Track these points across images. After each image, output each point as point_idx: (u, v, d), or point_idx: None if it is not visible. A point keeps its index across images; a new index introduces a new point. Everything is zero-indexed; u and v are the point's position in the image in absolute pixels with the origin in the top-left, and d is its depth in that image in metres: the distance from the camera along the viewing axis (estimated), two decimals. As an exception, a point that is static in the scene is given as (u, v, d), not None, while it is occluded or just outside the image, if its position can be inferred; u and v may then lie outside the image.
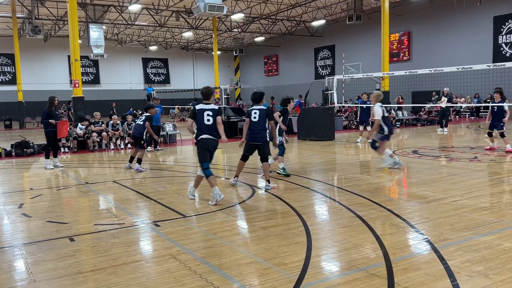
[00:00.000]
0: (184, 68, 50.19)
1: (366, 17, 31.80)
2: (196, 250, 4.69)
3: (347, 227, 5.44)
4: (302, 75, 41.69)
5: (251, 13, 33.83)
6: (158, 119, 14.20)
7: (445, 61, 27.27)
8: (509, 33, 26.70)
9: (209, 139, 6.94)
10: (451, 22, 29.30)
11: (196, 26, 35.98)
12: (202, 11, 17.80)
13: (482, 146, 13.09)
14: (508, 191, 7.26)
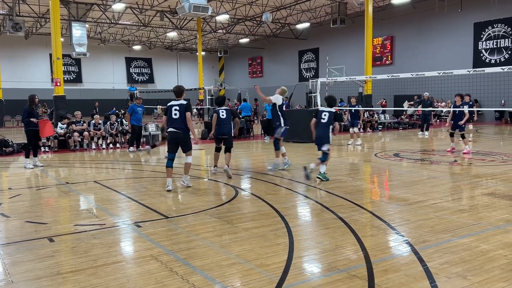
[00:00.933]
0: (168, 68, 49.92)
1: (350, 21, 32.11)
2: (178, 251, 4.67)
3: (329, 228, 5.47)
4: (287, 77, 41.84)
5: (236, 14, 33.84)
6: (140, 119, 14.09)
7: (427, 66, 27.67)
8: (488, 39, 27.26)
9: (174, 132, 7.72)
10: (433, 27, 29.78)
11: (180, 26, 35.82)
12: (187, 11, 17.74)
13: (461, 149, 13.31)
14: (486, 194, 7.40)
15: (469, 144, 12.36)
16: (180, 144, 7.89)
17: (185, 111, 7.69)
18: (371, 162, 11.70)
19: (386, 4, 30.66)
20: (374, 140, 17.48)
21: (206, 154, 13.91)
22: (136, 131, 14.13)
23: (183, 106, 7.70)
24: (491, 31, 27.07)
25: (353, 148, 14.80)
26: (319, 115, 9.03)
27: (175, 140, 7.80)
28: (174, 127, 7.72)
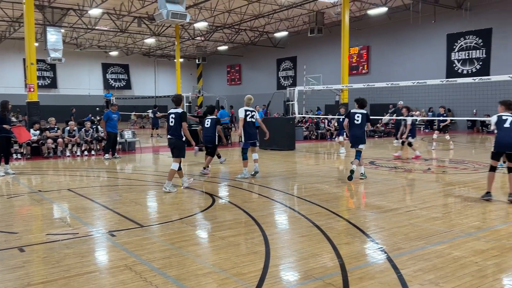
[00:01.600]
0: (146, 74, 49.52)
1: (327, 30, 32.53)
2: (153, 261, 4.61)
3: (305, 236, 5.50)
4: (265, 85, 42.04)
5: (215, 22, 33.88)
6: (115, 126, 13.90)
7: (402, 75, 28.24)
8: (461, 50, 28.01)
9: (169, 139, 8.41)
10: (408, 38, 30.44)
11: (158, 33, 35.64)
12: (165, 18, 17.64)
13: (435, 158, 13.60)
14: (459, 201, 7.56)
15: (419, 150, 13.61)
16: (173, 149, 8.47)
17: (180, 120, 8.24)
18: (348, 170, 11.80)
19: (363, 14, 31.20)
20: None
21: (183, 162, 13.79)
22: (112, 138, 13.93)
23: (178, 114, 8.27)
24: (463, 43, 27.83)
25: (337, 156, 15.01)
26: (352, 117, 9.69)
27: (170, 145, 8.53)
28: (169, 134, 8.39)
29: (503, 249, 4.94)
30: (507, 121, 7.27)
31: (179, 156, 8.45)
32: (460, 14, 27.10)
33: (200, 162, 11.43)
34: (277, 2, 28.49)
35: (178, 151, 8.41)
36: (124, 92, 46.76)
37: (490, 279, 4.08)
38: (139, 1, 27.29)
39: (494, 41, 26.39)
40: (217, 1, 28.41)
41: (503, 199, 7.48)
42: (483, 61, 26.95)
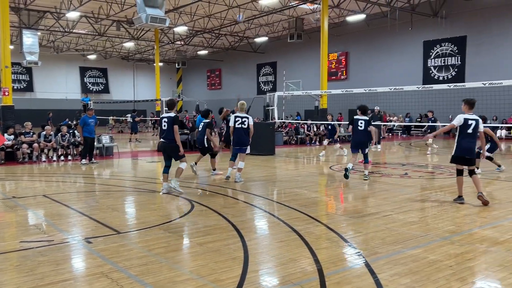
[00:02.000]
0: (124, 78, 49.06)
1: (306, 36, 32.82)
2: (130, 268, 4.55)
3: (284, 241, 5.51)
4: (245, 89, 42.09)
5: (195, 26, 33.83)
6: (92, 131, 13.69)
7: (380, 81, 28.68)
8: (437, 57, 28.62)
9: (162, 142, 8.57)
10: (386, 44, 30.95)
11: (137, 36, 35.39)
12: (144, 22, 17.52)
13: (412, 163, 13.82)
14: (434, 206, 7.70)
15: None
16: (170, 153, 8.61)
17: (172, 124, 8.37)
18: (326, 174, 11.92)
19: (341, 21, 31.63)
20: (329, 153, 17.82)
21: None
22: (88, 143, 13.72)
23: (171, 118, 8.43)
24: (439, 50, 28.45)
25: (317, 158, 15.25)
26: (355, 123, 10.33)
27: (164, 150, 8.64)
28: (163, 138, 8.54)
29: (477, 252, 5.04)
30: (471, 127, 7.49)
31: (179, 158, 8.60)
32: (436, 22, 27.71)
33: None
34: (257, 8, 28.64)
35: (174, 155, 8.57)
36: (102, 96, 46.23)
37: (464, 282, 4.16)
38: (118, 5, 27.07)
39: (468, 48, 27.06)
40: (197, 6, 28.39)
41: (478, 203, 7.64)
42: (458, 68, 27.58)
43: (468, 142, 7.56)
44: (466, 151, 7.61)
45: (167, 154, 8.68)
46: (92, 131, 13.69)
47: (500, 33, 25.51)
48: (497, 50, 25.61)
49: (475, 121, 7.58)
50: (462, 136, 7.61)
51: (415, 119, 29.15)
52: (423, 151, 17.34)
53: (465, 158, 7.66)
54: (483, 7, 25.84)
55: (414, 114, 29.29)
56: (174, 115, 8.55)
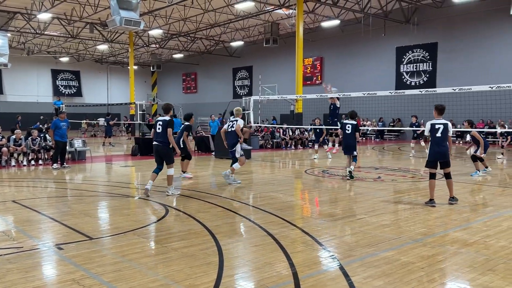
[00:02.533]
0: (98, 81, 48.30)
1: (282, 41, 33.04)
2: (102, 274, 4.47)
3: (259, 246, 5.51)
4: (221, 93, 42.05)
5: (170, 29, 33.63)
6: (64, 135, 13.40)
7: (354, 86, 29.08)
8: (409, 63, 29.25)
9: (156, 145, 8.71)
10: (360, 50, 31.45)
11: (111, 39, 34.92)
12: (118, 25, 17.33)
13: (385, 166, 14.05)
14: (407, 209, 7.84)
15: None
16: (162, 156, 8.75)
17: (166, 127, 8.57)
18: (302, 178, 11.99)
19: (316, 26, 31.98)
20: (304, 157, 17.97)
21: (136, 172, 13.54)
22: (60, 147, 13.43)
23: (166, 122, 8.63)
24: (411, 56, 29.09)
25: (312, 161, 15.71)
26: (344, 127, 11.12)
27: (157, 152, 8.77)
28: (156, 140, 8.70)
29: (448, 254, 5.16)
30: (439, 130, 7.74)
31: (170, 162, 8.78)
32: (408, 28, 28.33)
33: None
34: (233, 12, 28.68)
35: (167, 158, 8.74)
36: (74, 99, 45.37)
37: (435, 283, 4.25)
38: (91, 7, 26.67)
39: (439, 54, 27.77)
40: (172, 9, 28.24)
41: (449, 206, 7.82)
42: (429, 74, 28.25)
43: (439, 146, 7.78)
44: (438, 155, 7.85)
45: (159, 156, 8.80)
46: (64, 135, 13.42)
47: (469, 40, 26.27)
48: (466, 57, 26.37)
49: (443, 125, 7.81)
50: (432, 141, 7.88)
51: (388, 123, 29.67)
52: (396, 155, 17.66)
53: (439, 161, 7.87)
54: (453, 15, 26.57)
55: (387, 119, 29.83)
56: (169, 118, 8.71)
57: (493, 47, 25.35)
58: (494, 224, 6.57)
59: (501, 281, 4.30)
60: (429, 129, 7.91)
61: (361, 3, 26.15)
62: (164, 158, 8.78)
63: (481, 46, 25.79)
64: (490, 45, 25.45)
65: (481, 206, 8.12)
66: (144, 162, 15.73)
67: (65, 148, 13.88)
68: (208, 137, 19.83)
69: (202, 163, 15.95)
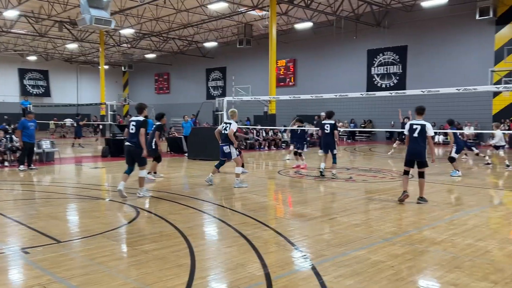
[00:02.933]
0: (67, 81, 47.19)
1: (255, 42, 33.11)
2: (70, 278, 4.35)
3: (232, 247, 5.49)
4: (194, 94, 41.77)
5: (142, 29, 33.20)
6: (32, 135, 13.03)
7: (326, 88, 29.38)
8: (380, 66, 29.78)
9: (127, 146, 8.56)
10: (332, 52, 31.82)
11: (81, 38, 34.20)
12: (88, 24, 16.99)
13: (357, 167, 14.25)
14: (377, 208, 7.97)
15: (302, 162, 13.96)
16: (134, 157, 8.56)
17: (140, 127, 8.37)
18: (275, 179, 12.02)
19: (289, 28, 32.17)
20: (278, 158, 18.04)
21: (107, 173, 13.29)
22: (28, 148, 13.06)
23: (139, 122, 8.46)
24: (382, 58, 29.63)
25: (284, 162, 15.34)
26: (322, 126, 11.55)
27: (129, 153, 8.59)
28: (128, 141, 8.55)
29: (416, 253, 5.26)
30: (416, 131, 7.97)
31: (142, 164, 8.63)
32: (379, 31, 28.85)
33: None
34: (206, 13, 28.55)
35: (139, 159, 8.56)
36: (43, 99, 44.21)
37: (404, 282, 4.33)
38: (60, 5, 26.06)
39: (409, 57, 28.38)
40: (144, 9, 27.87)
41: (418, 205, 7.99)
42: (399, 76, 28.83)
43: (415, 145, 8.08)
44: (414, 154, 8.13)
45: (131, 157, 8.62)
46: (32, 136, 13.04)
47: (437, 43, 26.96)
48: (434, 59, 27.05)
49: (420, 126, 8.05)
50: (410, 141, 8.17)
51: (359, 125, 30.11)
52: (367, 156, 17.93)
53: (415, 161, 8.17)
54: (423, 19, 27.21)
55: (358, 120, 30.28)
56: (143, 119, 8.53)
57: (459, 50, 26.09)
58: (461, 223, 6.75)
59: (467, 278, 4.41)
60: (407, 129, 8.18)
61: (333, 6, 26.48)
62: (136, 159, 8.58)
63: (449, 49, 26.51)
64: (457, 49, 26.18)
65: (448, 205, 8.33)
66: (114, 163, 15.47)
67: (32, 149, 13.49)
68: (181, 138, 19.66)
69: (175, 164, 15.81)
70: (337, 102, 24.44)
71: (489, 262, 4.90)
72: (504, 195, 9.77)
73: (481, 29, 25.22)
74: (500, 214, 7.54)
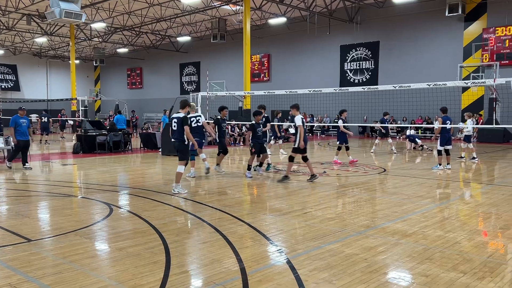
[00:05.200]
0: (37, 75, 45.98)
1: (229, 37, 33.00)
2: (42, 278, 4.27)
3: (207, 242, 5.49)
4: (168, 89, 41.35)
5: (114, 23, 32.59)
6: (25, 133, 12.52)
7: (300, 83, 29.59)
8: (352, 61, 30.13)
9: (173, 142, 8.88)
10: (305, 47, 31.99)
11: (51, 32, 33.33)
12: (58, 17, 16.56)
13: (330, 161, 14.41)
14: (351, 202, 8.09)
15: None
16: (177, 152, 8.89)
17: (181, 124, 8.62)
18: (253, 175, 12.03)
19: (263, 23, 32.16)
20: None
21: (78, 170, 13.04)
22: (21, 146, 12.55)
23: (180, 119, 8.68)
24: (355, 54, 29.98)
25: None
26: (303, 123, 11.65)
27: (175, 148, 8.94)
28: (174, 137, 8.83)
29: (389, 245, 5.37)
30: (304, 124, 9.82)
31: (184, 159, 8.83)
32: (352, 27, 29.17)
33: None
34: (179, 7, 28.25)
35: (181, 154, 8.80)
36: (11, 94, 42.97)
37: (377, 273, 4.42)
38: (29, -3, 25.32)
39: (381, 53, 28.82)
40: (115, 2, 27.39)
41: (390, 198, 8.14)
42: (372, 72, 29.26)
43: (305, 137, 10.01)
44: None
45: (177, 152, 8.95)
46: (25, 133, 12.55)
47: (409, 39, 27.47)
48: (405, 55, 27.56)
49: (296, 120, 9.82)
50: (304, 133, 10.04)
51: (333, 119, 30.42)
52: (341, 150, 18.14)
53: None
54: (394, 15, 27.66)
55: (332, 115, 30.60)
56: (183, 115, 8.76)
57: (430, 46, 26.66)
58: (431, 215, 6.93)
59: (438, 268, 4.54)
60: (299, 123, 9.93)
61: (306, 2, 26.60)
62: (179, 154, 8.86)
63: (420, 45, 27.05)
64: (428, 44, 26.74)
65: (419, 199, 8.53)
66: (86, 160, 15.19)
67: (27, 147, 12.91)
68: (155, 134, 19.45)
69: (149, 160, 15.64)
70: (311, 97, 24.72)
71: (458, 253, 5.05)
72: (472, 187, 10.06)
73: (450, 26, 25.84)
74: (469, 207, 7.77)
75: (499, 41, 24.29)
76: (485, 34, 24.73)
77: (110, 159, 15.64)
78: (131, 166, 14.02)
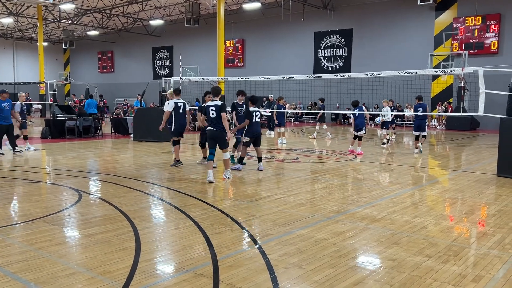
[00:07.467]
0: (2, 58, 44.39)
1: (203, 21, 32.55)
2: (7, 265, 4.16)
3: (178, 229, 5.47)
4: (140, 73, 40.62)
5: (83, 4, 31.65)
6: (7, 117, 12.02)
7: (274, 70, 29.57)
8: (326, 48, 30.25)
9: (213, 131, 8.53)
10: (280, 34, 31.90)
11: (17, 12, 32.12)
12: (24, -4, 15.93)
13: (303, 148, 14.53)
14: (322, 188, 8.19)
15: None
16: (217, 141, 8.62)
17: (220, 111, 8.40)
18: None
19: (238, 8, 31.84)
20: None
21: (47, 155, 12.73)
22: (4, 130, 12.07)
23: (218, 106, 8.46)
24: (328, 41, 30.10)
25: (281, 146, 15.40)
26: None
27: (213, 137, 8.58)
28: (212, 126, 8.54)
29: (358, 230, 5.48)
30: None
31: (226, 146, 8.74)
32: (326, 14, 29.22)
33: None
34: (152, -11, 27.64)
35: (221, 143, 8.63)
36: (-25, 76, 41.39)
37: (346, 258, 4.50)
38: (-7, -25, 24.25)
39: (354, 40, 29.02)
40: (85, -17, 26.55)
41: (359, 184, 8.27)
42: (345, 59, 29.47)
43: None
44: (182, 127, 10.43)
45: (214, 141, 8.62)
46: (8, 117, 12.04)
47: (381, 27, 27.74)
48: (378, 43, 27.84)
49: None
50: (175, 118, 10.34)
51: (306, 106, 30.60)
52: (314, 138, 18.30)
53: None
54: (368, 3, 27.84)
55: (305, 102, 30.76)
56: (221, 103, 8.54)
57: (402, 35, 27.00)
58: (400, 201, 7.09)
59: (405, 252, 4.66)
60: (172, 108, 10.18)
61: (281, -13, 26.44)
62: (219, 142, 8.62)
63: (392, 33, 27.36)
64: (400, 33, 27.08)
65: (388, 184, 8.71)
66: (55, 145, 14.84)
67: (11, 131, 12.38)
68: (126, 119, 19.13)
69: (120, 146, 15.40)
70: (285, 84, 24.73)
71: (425, 238, 5.19)
72: (440, 174, 10.34)
73: (422, 15, 26.20)
74: (436, 192, 7.98)
75: (469, 31, 24.82)
76: (455, 24, 25.21)
77: (80, 144, 15.33)
78: (101, 152, 13.77)
